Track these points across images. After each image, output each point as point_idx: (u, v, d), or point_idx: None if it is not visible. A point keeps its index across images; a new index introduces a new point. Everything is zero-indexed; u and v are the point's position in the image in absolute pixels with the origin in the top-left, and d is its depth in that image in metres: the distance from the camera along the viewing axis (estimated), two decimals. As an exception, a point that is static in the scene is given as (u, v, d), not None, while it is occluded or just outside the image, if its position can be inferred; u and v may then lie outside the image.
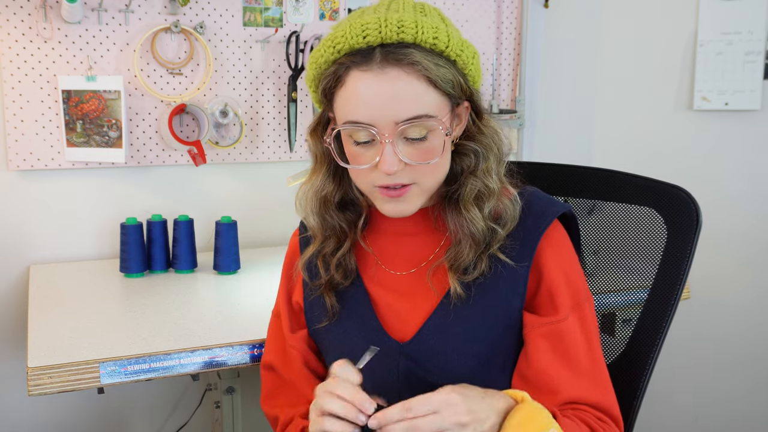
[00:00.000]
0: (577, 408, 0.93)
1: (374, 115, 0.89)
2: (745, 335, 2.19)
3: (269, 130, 2.01)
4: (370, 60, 0.88)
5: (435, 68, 0.89)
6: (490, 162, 0.97)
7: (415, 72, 0.88)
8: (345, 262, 1.05)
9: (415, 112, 0.88)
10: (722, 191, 2.14)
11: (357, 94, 0.89)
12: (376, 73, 0.88)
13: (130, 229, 1.67)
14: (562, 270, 0.98)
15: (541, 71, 2.36)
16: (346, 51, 0.90)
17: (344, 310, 1.05)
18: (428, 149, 0.91)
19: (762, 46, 2.04)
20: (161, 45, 1.86)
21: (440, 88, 0.90)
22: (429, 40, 0.89)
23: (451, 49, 0.90)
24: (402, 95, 0.88)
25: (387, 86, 0.87)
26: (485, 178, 0.97)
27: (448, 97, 0.92)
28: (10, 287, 1.83)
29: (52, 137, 1.80)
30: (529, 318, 0.97)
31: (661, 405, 2.27)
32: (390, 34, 0.88)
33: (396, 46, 0.88)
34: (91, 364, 1.16)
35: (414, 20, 0.88)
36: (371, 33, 0.88)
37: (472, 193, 0.96)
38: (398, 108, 0.88)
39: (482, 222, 0.95)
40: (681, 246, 1.07)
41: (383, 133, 0.89)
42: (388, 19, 0.88)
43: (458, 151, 0.98)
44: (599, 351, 0.98)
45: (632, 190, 1.16)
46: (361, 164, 0.93)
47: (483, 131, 0.98)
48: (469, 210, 0.96)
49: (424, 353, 0.98)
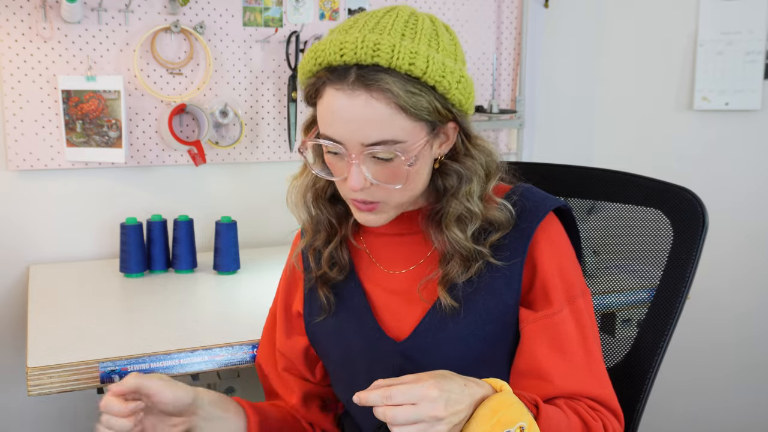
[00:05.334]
0: (573, 400, 0.93)
1: (343, 134, 0.89)
2: (744, 335, 2.19)
3: (269, 130, 2.01)
4: (344, 79, 0.87)
5: (406, 96, 0.87)
6: (473, 185, 0.96)
7: (385, 98, 0.86)
8: (338, 257, 1.06)
9: (382, 137, 0.88)
10: (723, 191, 2.14)
11: (330, 110, 0.89)
12: (347, 94, 0.87)
13: (130, 229, 1.67)
14: (556, 263, 0.98)
15: (541, 71, 2.36)
16: (325, 66, 0.89)
17: (341, 307, 1.06)
18: (395, 172, 0.91)
19: (762, 46, 2.04)
20: (161, 45, 1.85)
21: (413, 114, 0.88)
22: (404, 66, 0.86)
23: (430, 75, 0.88)
24: (369, 120, 0.87)
25: (356, 109, 0.87)
26: (467, 201, 0.96)
27: (425, 121, 0.90)
28: (10, 287, 1.83)
29: (52, 137, 1.80)
30: (524, 313, 0.97)
31: (660, 405, 2.27)
32: (365, 57, 0.86)
33: (370, 69, 0.87)
34: (91, 364, 1.16)
35: (392, 44, 0.87)
36: (347, 53, 0.87)
37: (454, 216, 0.96)
38: (365, 131, 0.88)
39: (466, 242, 0.95)
40: (687, 247, 1.07)
41: (350, 153, 0.90)
42: (366, 40, 0.87)
43: (442, 171, 0.98)
44: (595, 344, 0.98)
45: (638, 191, 1.15)
46: (334, 175, 0.95)
47: (471, 152, 0.97)
48: (451, 230, 0.96)
49: (420, 351, 0.98)
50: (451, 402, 0.80)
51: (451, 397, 0.80)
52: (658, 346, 1.07)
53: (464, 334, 0.97)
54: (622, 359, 1.13)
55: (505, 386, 0.86)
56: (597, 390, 0.94)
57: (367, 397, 0.81)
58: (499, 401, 0.83)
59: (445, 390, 0.80)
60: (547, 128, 2.38)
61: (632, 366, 1.10)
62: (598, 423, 0.92)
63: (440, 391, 0.80)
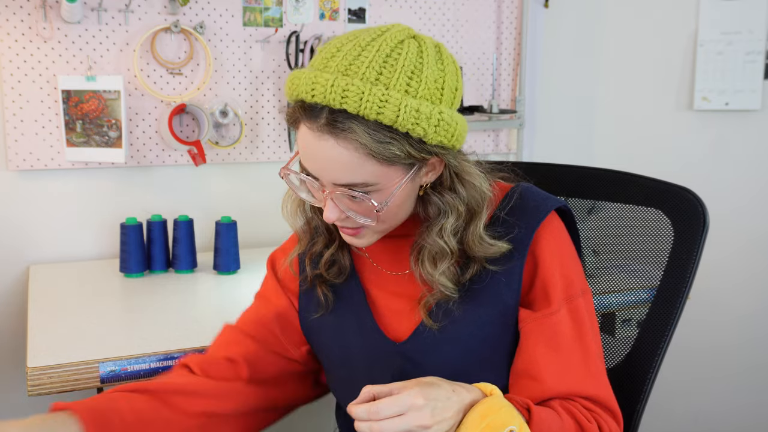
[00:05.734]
0: (569, 401, 0.93)
1: (316, 171, 0.89)
2: (746, 337, 2.19)
3: (269, 130, 2.01)
4: (315, 119, 0.86)
5: (375, 144, 0.84)
6: (448, 221, 0.93)
7: (352, 146, 0.84)
8: (338, 260, 1.05)
9: (351, 180, 0.87)
10: (723, 191, 2.14)
11: (303, 145, 0.89)
12: (316, 136, 0.86)
13: (130, 229, 1.67)
14: (557, 262, 0.98)
15: (541, 71, 2.36)
16: (299, 100, 0.88)
17: (341, 305, 1.05)
18: (367, 208, 0.90)
19: (762, 46, 2.04)
20: (161, 45, 1.85)
21: (384, 160, 0.86)
22: (372, 115, 0.83)
23: (401, 123, 0.84)
24: (337, 164, 0.86)
25: (324, 152, 0.86)
26: (439, 238, 0.94)
27: (401, 164, 0.88)
28: (10, 287, 1.83)
29: (52, 137, 1.80)
30: (524, 313, 0.97)
31: (661, 406, 2.27)
32: (334, 101, 0.84)
33: (339, 114, 0.84)
34: (91, 364, 1.16)
35: (361, 90, 0.83)
36: (317, 94, 0.85)
37: (427, 251, 0.95)
38: (334, 174, 0.88)
39: (439, 277, 0.94)
40: (688, 248, 1.07)
41: (323, 188, 0.90)
42: (335, 84, 0.84)
43: (425, 199, 0.96)
44: (595, 344, 0.97)
45: (638, 191, 1.15)
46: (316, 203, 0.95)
47: (455, 187, 0.94)
48: (425, 266, 0.95)
49: (420, 353, 0.98)
50: (438, 410, 0.80)
51: (437, 405, 0.81)
52: (658, 347, 1.07)
53: (464, 336, 0.97)
54: (623, 359, 1.13)
55: (495, 390, 0.86)
56: (593, 390, 0.94)
57: (354, 412, 0.81)
58: (488, 406, 0.83)
59: (431, 398, 0.81)
60: (547, 128, 2.38)
61: (633, 366, 1.10)
62: (593, 424, 0.91)
63: (426, 400, 0.80)
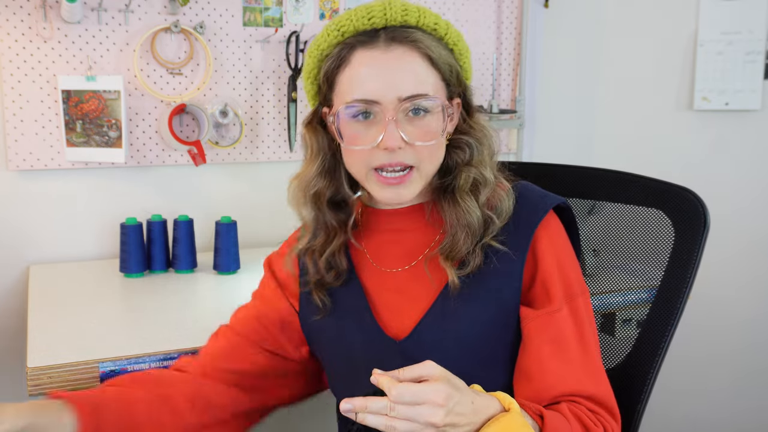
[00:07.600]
0: (572, 401, 0.93)
1: (377, 90, 0.92)
2: (747, 341, 2.19)
3: (269, 130, 2.01)
4: (375, 40, 0.93)
5: (436, 49, 0.95)
6: (484, 154, 1.00)
7: (419, 50, 0.94)
8: (336, 263, 1.05)
9: (418, 90, 0.93)
10: (723, 191, 2.14)
11: (362, 70, 0.93)
12: (382, 50, 0.93)
13: (130, 229, 1.67)
14: (556, 261, 0.98)
15: (541, 71, 2.36)
16: (351, 33, 0.95)
17: (340, 306, 1.05)
18: (428, 130, 0.94)
19: (762, 45, 2.04)
20: (161, 45, 1.85)
21: (440, 70, 0.95)
22: (430, 24, 0.96)
23: (450, 37, 0.98)
24: (406, 71, 0.93)
25: (392, 63, 0.93)
26: (480, 167, 0.99)
27: (446, 83, 0.97)
28: (10, 287, 1.83)
29: (52, 137, 1.79)
30: (525, 311, 0.97)
31: (660, 410, 2.27)
32: (394, 16, 0.94)
33: (400, 28, 0.94)
34: (91, 364, 1.16)
35: (416, 6, 0.95)
36: (376, 15, 0.94)
37: (468, 183, 0.98)
38: (402, 84, 0.92)
39: (478, 211, 0.97)
40: (688, 248, 1.07)
41: (386, 111, 0.92)
42: (393, 3, 0.94)
43: (452, 145, 1.01)
44: (594, 343, 0.98)
45: (639, 191, 1.15)
46: (362, 145, 0.95)
47: (474, 128, 1.01)
48: (465, 200, 0.97)
49: (421, 350, 0.98)
50: (452, 414, 0.79)
51: (454, 409, 0.79)
52: (659, 347, 1.07)
53: (464, 334, 0.97)
54: (623, 360, 1.13)
55: (513, 405, 0.84)
56: (594, 389, 0.94)
57: (369, 405, 0.79)
58: (506, 424, 0.82)
59: (452, 401, 0.79)
60: (547, 128, 2.37)
61: (633, 367, 1.10)
62: (599, 428, 0.91)
63: (446, 400, 0.78)
